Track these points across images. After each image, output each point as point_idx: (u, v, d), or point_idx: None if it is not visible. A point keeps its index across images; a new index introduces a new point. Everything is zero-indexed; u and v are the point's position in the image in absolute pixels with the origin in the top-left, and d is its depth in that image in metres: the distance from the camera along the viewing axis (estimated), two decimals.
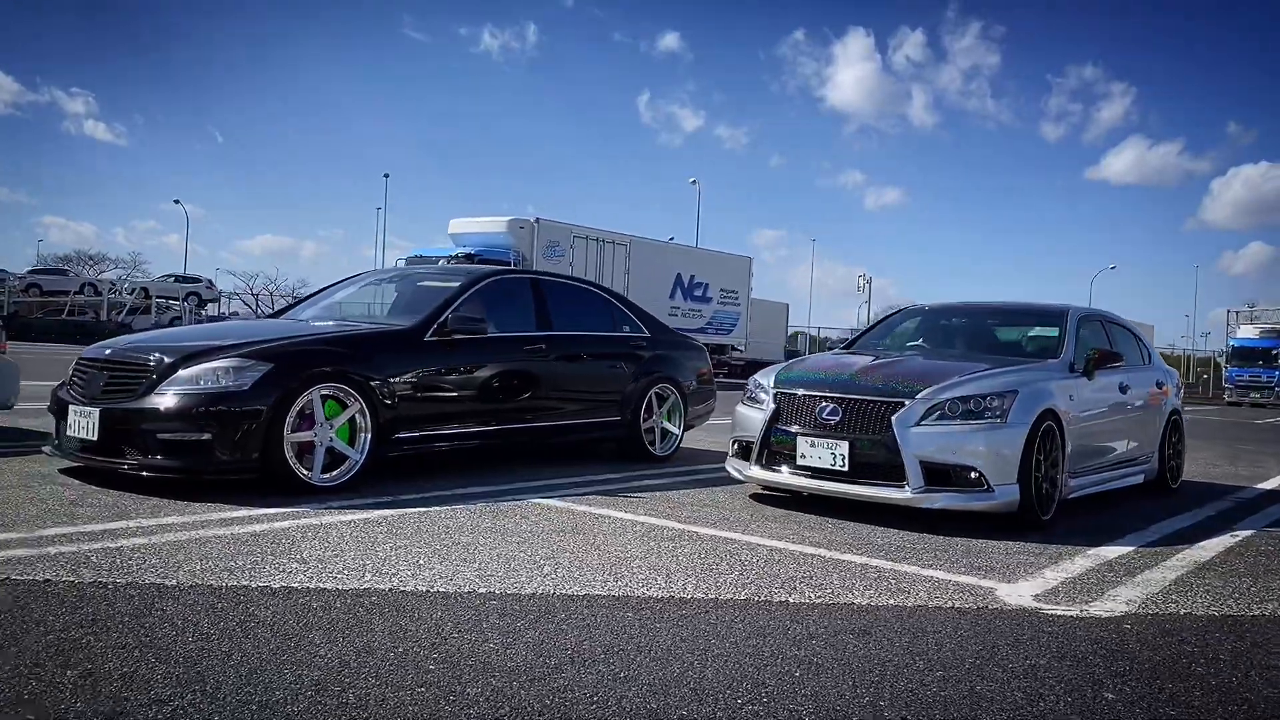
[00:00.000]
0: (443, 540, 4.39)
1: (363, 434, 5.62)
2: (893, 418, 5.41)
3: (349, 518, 4.79)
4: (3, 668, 2.52)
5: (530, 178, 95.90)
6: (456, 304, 6.35)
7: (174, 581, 3.45)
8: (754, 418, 5.99)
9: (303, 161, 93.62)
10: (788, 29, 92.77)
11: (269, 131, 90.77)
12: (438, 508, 5.19)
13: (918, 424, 5.38)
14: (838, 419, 5.57)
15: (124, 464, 5.14)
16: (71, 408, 5.37)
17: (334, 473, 5.48)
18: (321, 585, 3.52)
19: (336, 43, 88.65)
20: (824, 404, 5.65)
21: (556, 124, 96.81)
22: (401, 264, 24.19)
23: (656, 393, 7.69)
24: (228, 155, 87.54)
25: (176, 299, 47.50)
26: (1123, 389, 6.80)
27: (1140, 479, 7.17)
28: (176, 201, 61.48)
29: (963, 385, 5.54)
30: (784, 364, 6.51)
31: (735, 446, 6.20)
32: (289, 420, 5.23)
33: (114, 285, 52.27)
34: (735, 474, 6.12)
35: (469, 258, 22.71)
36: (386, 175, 63.56)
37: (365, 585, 3.55)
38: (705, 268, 29.63)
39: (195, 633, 2.90)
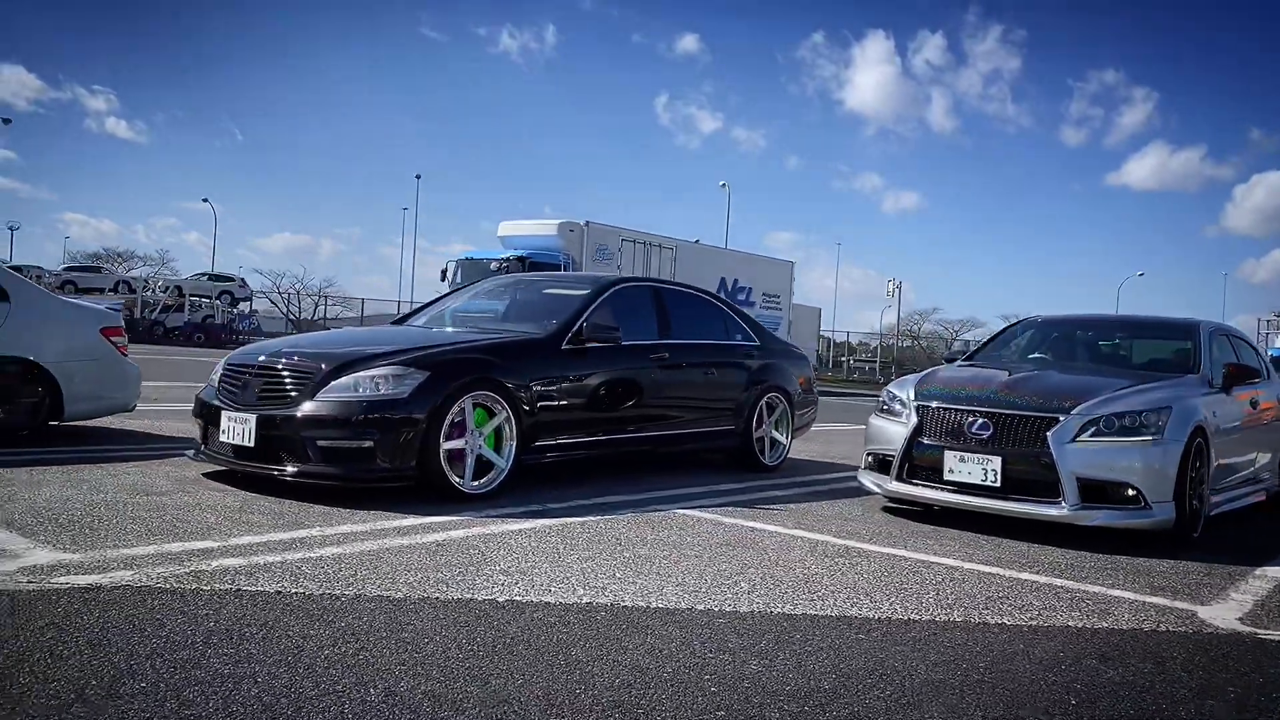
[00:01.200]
0: (623, 553, 4.37)
1: (508, 442, 5.62)
2: (1048, 434, 5.35)
3: (516, 527, 4.79)
4: (304, 685, 2.51)
5: (548, 178, 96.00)
6: (588, 312, 6.34)
7: (400, 594, 3.44)
8: (893, 431, 5.94)
9: (320, 160, 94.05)
10: (806, 31, 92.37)
11: (287, 129, 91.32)
12: (591, 517, 5.18)
13: (1074, 440, 5.32)
14: (988, 434, 5.52)
15: (282, 470, 5.16)
16: (224, 413, 5.38)
17: (482, 480, 5.48)
18: (544, 599, 3.50)
19: (355, 42, 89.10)
20: (973, 418, 5.59)
21: (575, 124, 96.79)
22: (452, 265, 24.26)
23: (767, 402, 7.65)
24: (246, 153, 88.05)
25: (209, 297, 47.90)
26: (1254, 404, 6.71)
27: (1263, 496, 7.06)
28: (205, 200, 61.90)
29: (1117, 401, 5.47)
30: (917, 376, 6.45)
31: (870, 459, 6.15)
32: (444, 428, 5.24)
33: (147, 283, 52.78)
34: (872, 487, 6.06)
35: (520, 261, 22.77)
36: (419, 176, 63.62)
37: (585, 599, 3.53)
38: (749, 272, 29.57)
39: (461, 649, 2.88)
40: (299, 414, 5.15)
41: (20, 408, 6.43)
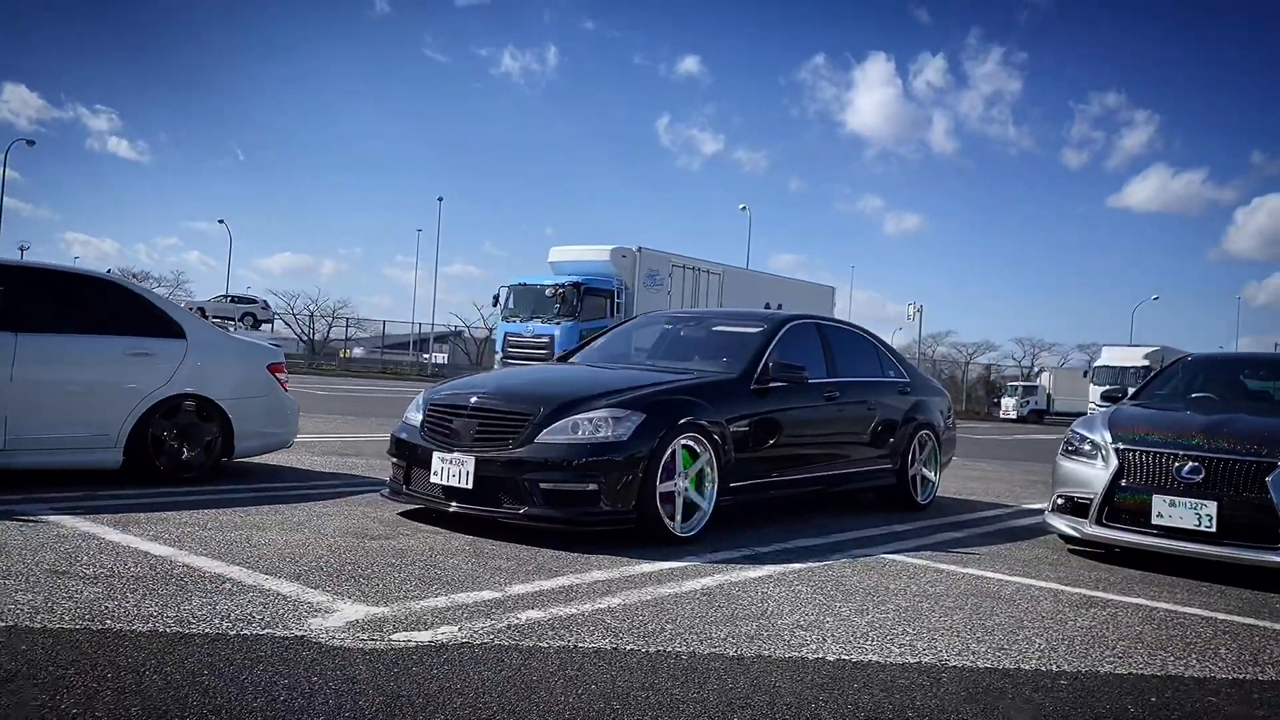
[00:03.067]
0: (884, 604, 4.31)
1: (709, 484, 5.58)
2: (1267, 479, 5.29)
3: (755, 574, 4.74)
4: None
5: (549, 199, 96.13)
6: (769, 350, 6.31)
7: (731, 652, 3.39)
8: (1089, 475, 5.88)
9: (322, 180, 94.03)
10: (808, 53, 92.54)
11: (289, 149, 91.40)
12: (810, 564, 5.12)
13: None
14: (1200, 478, 5.46)
15: (509, 513, 5.12)
16: (436, 455, 5.35)
17: (689, 522, 5.44)
18: (868, 658, 3.44)
19: (358, 63, 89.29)
20: (1182, 462, 5.54)
21: (576, 146, 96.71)
22: (504, 291, 24.33)
23: (919, 439, 7.60)
24: (248, 173, 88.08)
25: (233, 319, 48.05)
26: None
27: None
28: (221, 221, 61.91)
29: None
30: (1101, 416, 6.38)
31: (1062, 501, 6.08)
32: (660, 470, 5.21)
33: None
34: (1068, 530, 5.99)
35: (576, 287, 22.84)
36: (440, 199, 63.48)
37: (910, 659, 3.47)
38: (792, 297, 29.55)
39: (854, 716, 2.83)
40: (521, 457, 5.12)
41: (198, 445, 6.41)
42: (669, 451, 5.28)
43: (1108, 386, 41.73)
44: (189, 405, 6.34)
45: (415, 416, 5.77)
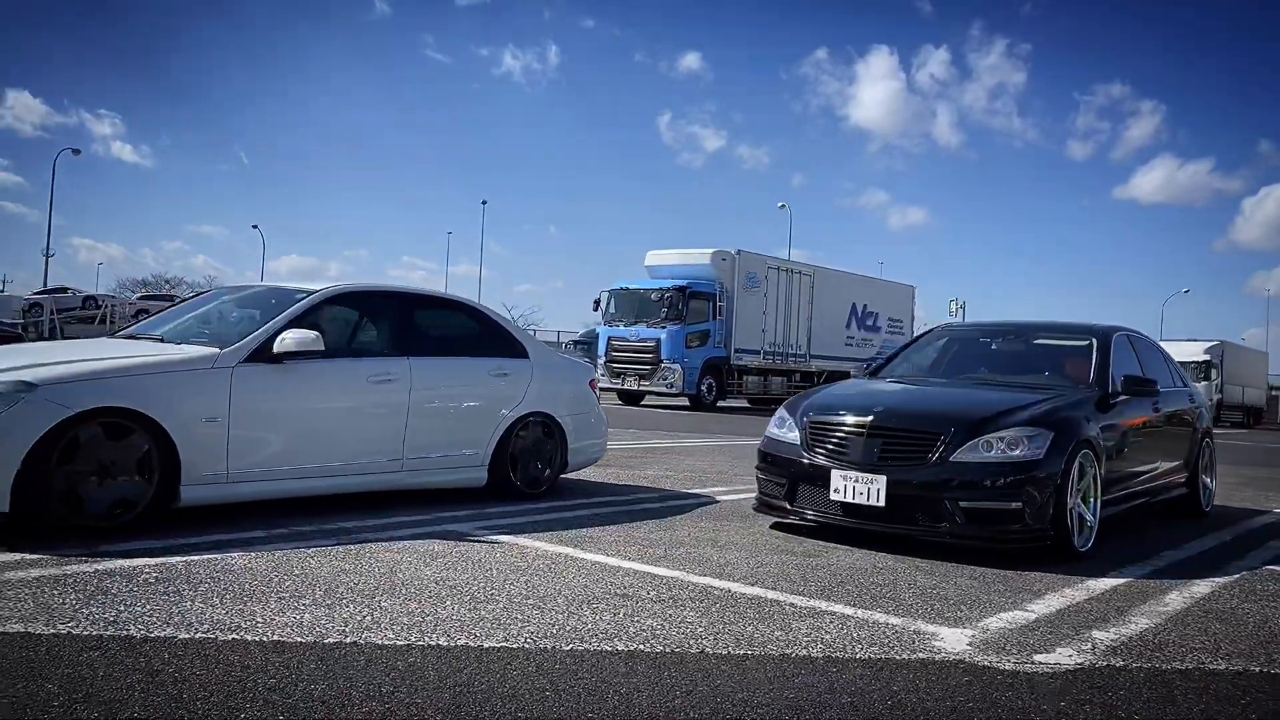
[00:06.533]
0: None
1: (1092, 499, 5.67)
2: None
3: (1203, 589, 4.81)
4: None
5: (553, 198, 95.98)
6: (1111, 364, 6.40)
7: None
8: None
9: (326, 182, 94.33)
10: (809, 48, 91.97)
11: (292, 153, 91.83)
12: (1225, 578, 5.17)
13: None
14: None
15: (922, 530, 5.24)
16: (835, 472, 5.46)
17: (1082, 536, 5.53)
18: None
19: (359, 65, 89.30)
20: None
21: (578, 144, 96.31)
22: (605, 296, 24.40)
23: (1202, 447, 7.66)
24: (252, 176, 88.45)
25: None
26: None
27: None
28: (255, 226, 62.28)
29: None
30: None
31: None
32: (1069, 486, 5.31)
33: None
34: None
35: (681, 291, 22.91)
36: (484, 202, 64.19)
37: None
38: (876, 297, 29.63)
39: None
40: (938, 476, 5.23)
41: (546, 461, 6.55)
42: (1074, 468, 5.38)
43: None
44: (536, 422, 6.49)
45: (787, 434, 5.88)
